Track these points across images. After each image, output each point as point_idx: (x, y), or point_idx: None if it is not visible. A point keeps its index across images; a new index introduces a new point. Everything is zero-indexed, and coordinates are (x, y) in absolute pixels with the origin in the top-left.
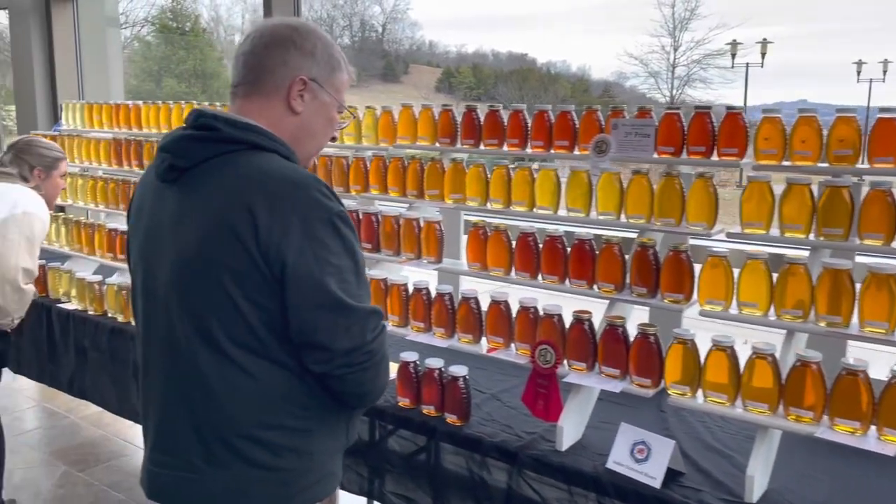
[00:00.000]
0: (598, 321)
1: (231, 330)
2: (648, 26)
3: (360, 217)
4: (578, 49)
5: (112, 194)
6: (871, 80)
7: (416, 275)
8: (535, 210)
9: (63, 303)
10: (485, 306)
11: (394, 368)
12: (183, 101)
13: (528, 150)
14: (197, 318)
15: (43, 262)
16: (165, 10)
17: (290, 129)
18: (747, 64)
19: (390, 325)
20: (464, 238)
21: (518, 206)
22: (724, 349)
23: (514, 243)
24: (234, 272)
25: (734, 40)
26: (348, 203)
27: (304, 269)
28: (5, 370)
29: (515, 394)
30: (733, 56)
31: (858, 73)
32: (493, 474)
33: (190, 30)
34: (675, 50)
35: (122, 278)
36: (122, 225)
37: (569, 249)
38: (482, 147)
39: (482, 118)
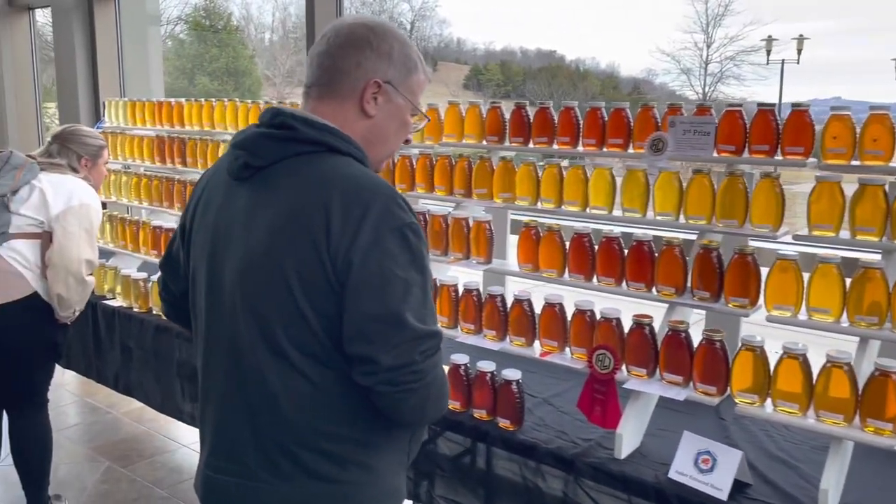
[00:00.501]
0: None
1: (295, 335)
2: (681, 22)
3: None
4: (608, 46)
5: (155, 191)
6: None
7: (464, 275)
8: (588, 210)
9: (108, 299)
10: (535, 308)
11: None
12: (225, 99)
13: (580, 149)
14: (260, 319)
15: None
16: (199, 9)
17: (361, 131)
18: (783, 61)
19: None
20: (511, 238)
21: (570, 206)
22: (797, 357)
23: (567, 244)
24: (300, 274)
25: (769, 36)
26: None
27: (367, 276)
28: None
29: (568, 399)
30: (768, 52)
31: None
32: (548, 481)
33: (222, 28)
34: (709, 46)
35: None
36: (167, 222)
37: (625, 251)
38: (531, 145)
39: (531, 116)
